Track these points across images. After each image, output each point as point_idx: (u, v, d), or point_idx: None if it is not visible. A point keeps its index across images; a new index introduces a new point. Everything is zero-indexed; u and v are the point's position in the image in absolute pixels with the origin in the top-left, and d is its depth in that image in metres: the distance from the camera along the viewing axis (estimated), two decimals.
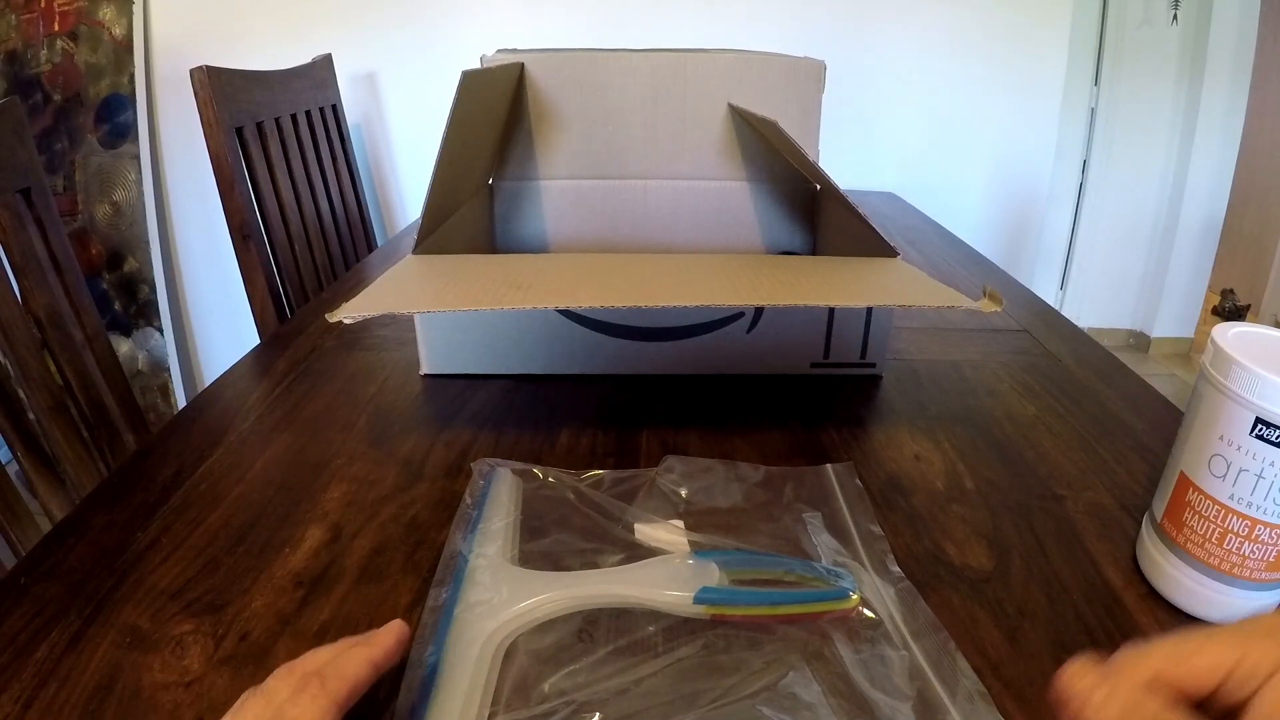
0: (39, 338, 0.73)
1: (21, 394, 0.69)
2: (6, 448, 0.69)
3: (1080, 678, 0.22)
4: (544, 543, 0.41)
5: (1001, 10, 1.69)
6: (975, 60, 1.73)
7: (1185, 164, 2.24)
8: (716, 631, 0.35)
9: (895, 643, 0.35)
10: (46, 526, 0.58)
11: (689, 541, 0.41)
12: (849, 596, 0.37)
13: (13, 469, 0.70)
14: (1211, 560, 0.36)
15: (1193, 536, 0.36)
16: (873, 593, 0.38)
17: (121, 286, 1.72)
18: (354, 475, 0.49)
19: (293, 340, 0.71)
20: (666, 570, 0.38)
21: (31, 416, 0.71)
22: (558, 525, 0.43)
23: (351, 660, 0.28)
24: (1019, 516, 0.45)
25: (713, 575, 0.38)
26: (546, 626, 0.35)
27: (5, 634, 0.36)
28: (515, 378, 0.62)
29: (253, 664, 0.34)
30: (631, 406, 0.58)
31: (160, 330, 1.75)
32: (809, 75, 0.76)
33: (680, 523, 0.43)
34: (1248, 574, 0.35)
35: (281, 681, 0.26)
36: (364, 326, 0.73)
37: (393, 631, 0.31)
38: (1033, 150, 1.83)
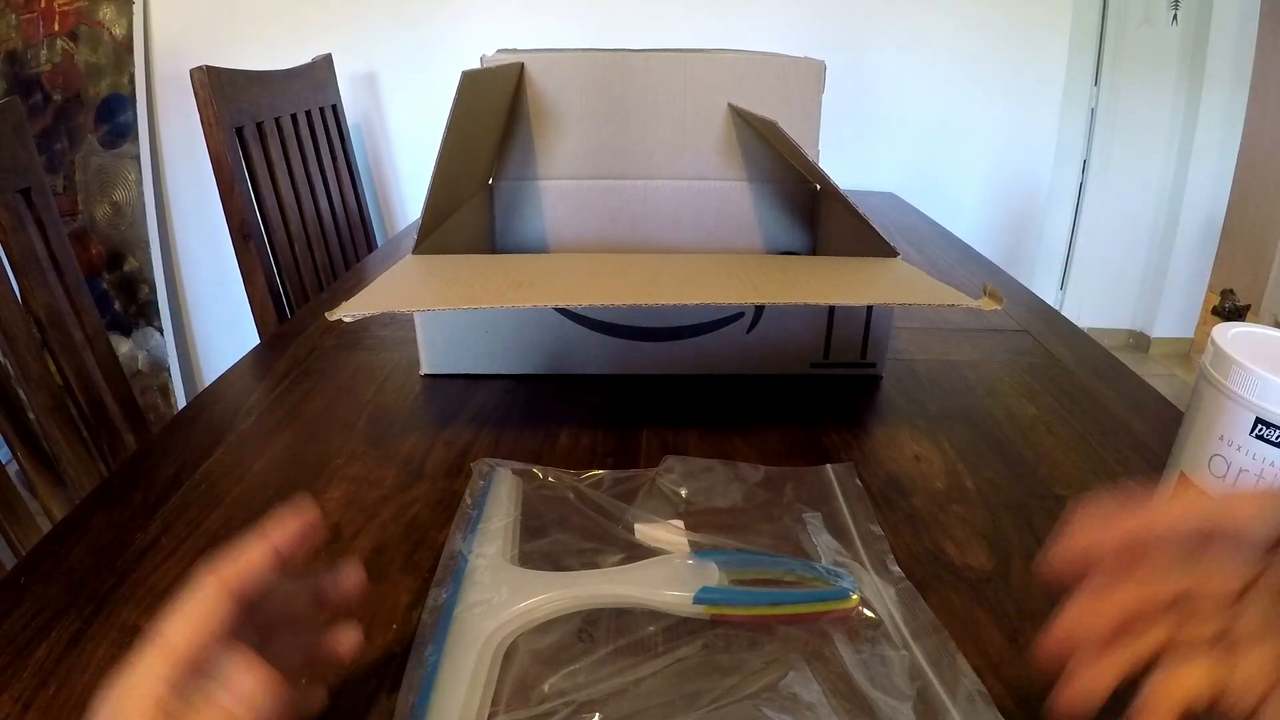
0: (39, 338, 0.73)
1: (21, 394, 0.69)
2: (6, 448, 0.69)
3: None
4: (544, 543, 0.41)
5: (1001, 10, 1.69)
6: (975, 60, 1.73)
7: (1185, 164, 2.24)
8: (716, 631, 0.35)
9: (895, 643, 0.35)
10: (46, 526, 0.58)
11: (689, 541, 0.41)
12: (849, 596, 0.37)
13: (13, 469, 0.70)
14: None
15: None
16: (873, 593, 0.38)
17: (121, 286, 1.72)
18: (354, 475, 0.49)
19: (293, 340, 0.71)
20: (666, 570, 0.38)
21: (31, 416, 0.71)
22: (558, 525, 0.43)
23: (247, 546, 0.25)
24: (1019, 516, 0.45)
25: (713, 575, 0.38)
26: (546, 626, 0.35)
27: (5, 634, 0.36)
28: (515, 378, 0.62)
29: None
30: (631, 406, 0.58)
31: (160, 330, 1.75)
32: (809, 75, 0.76)
33: (680, 523, 0.43)
34: None
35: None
36: (364, 326, 0.73)
37: (298, 513, 0.27)
38: (1032, 150, 1.83)
